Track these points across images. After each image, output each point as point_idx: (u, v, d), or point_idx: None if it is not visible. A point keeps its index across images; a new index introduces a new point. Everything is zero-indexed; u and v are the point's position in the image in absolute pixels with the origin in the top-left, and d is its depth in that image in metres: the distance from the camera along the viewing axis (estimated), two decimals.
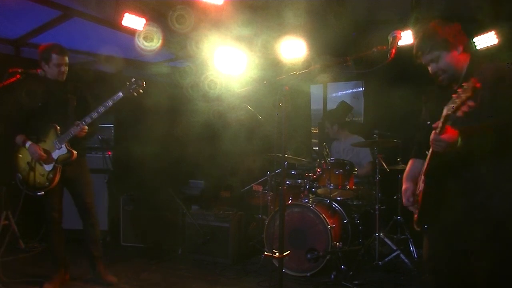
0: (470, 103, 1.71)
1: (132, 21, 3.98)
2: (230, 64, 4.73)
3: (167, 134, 5.45)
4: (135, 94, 3.52)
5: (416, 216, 2.24)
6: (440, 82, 2.19)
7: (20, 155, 3.59)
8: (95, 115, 3.47)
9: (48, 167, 3.52)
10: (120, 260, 4.48)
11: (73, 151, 3.53)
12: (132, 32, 4.14)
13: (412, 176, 2.34)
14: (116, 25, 4.04)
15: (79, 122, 3.46)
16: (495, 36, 4.48)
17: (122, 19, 3.93)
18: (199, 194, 5.52)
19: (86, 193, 3.71)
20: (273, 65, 5.18)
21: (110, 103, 3.48)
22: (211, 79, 5.38)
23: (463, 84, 1.74)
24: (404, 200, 2.29)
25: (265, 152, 4.82)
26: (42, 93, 3.55)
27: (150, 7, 4.16)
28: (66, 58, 3.57)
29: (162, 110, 5.42)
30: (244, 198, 5.46)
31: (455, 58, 2.12)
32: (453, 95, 1.79)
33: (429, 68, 2.19)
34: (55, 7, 3.99)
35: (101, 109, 3.47)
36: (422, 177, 2.17)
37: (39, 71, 3.48)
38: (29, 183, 3.54)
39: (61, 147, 3.51)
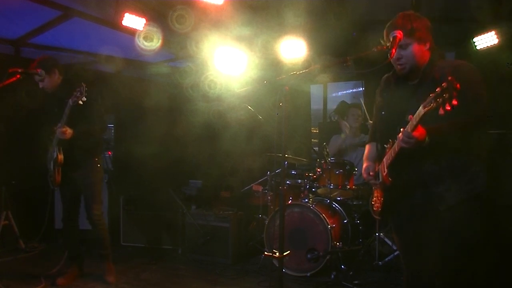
0: (454, 102, 1.73)
1: (132, 21, 3.98)
2: (230, 64, 4.73)
3: (167, 134, 5.45)
4: (81, 102, 3.32)
5: (378, 206, 2.38)
6: (399, 70, 2.23)
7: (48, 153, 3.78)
8: (65, 116, 3.42)
9: (51, 168, 3.65)
10: (120, 260, 4.47)
11: (59, 154, 3.56)
12: (132, 32, 4.14)
13: (370, 157, 2.50)
14: (116, 25, 4.05)
15: (59, 124, 3.44)
16: (495, 36, 4.48)
17: (122, 19, 3.93)
18: (196, 194, 5.51)
19: (87, 195, 3.75)
20: (273, 65, 5.17)
21: (69, 105, 3.39)
22: (211, 79, 5.38)
23: (442, 84, 1.76)
24: (365, 175, 2.42)
25: (265, 152, 4.81)
26: (48, 100, 3.68)
27: (150, 7, 4.16)
28: (35, 76, 3.52)
29: (162, 110, 5.42)
30: (244, 198, 5.45)
31: (421, 52, 2.16)
32: (431, 94, 1.80)
33: (393, 52, 2.15)
34: (55, 7, 3.99)
35: (66, 110, 3.40)
36: (384, 169, 2.25)
37: (39, 71, 3.49)
38: (50, 179, 3.74)
39: (55, 150, 3.58)
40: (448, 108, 1.73)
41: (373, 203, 2.44)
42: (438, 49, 2.23)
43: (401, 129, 1.99)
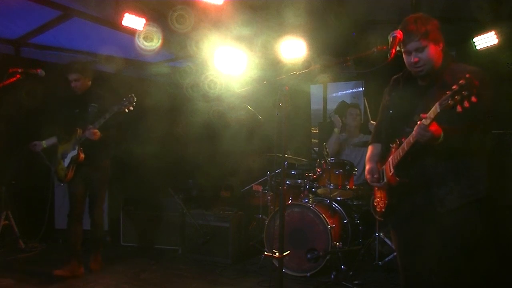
0: (473, 99, 1.70)
1: (132, 21, 3.98)
2: (230, 64, 4.73)
3: (167, 134, 5.45)
4: (126, 110, 3.72)
5: (382, 207, 2.35)
6: (416, 73, 2.18)
7: (59, 149, 4.02)
8: (102, 120, 3.71)
9: (65, 164, 3.89)
10: (120, 260, 4.48)
11: (80, 152, 3.82)
12: (132, 32, 4.15)
13: (373, 159, 2.48)
14: (116, 25, 4.05)
15: (91, 126, 3.71)
16: (495, 36, 4.48)
17: (122, 19, 3.93)
18: (196, 194, 5.52)
19: (93, 194, 4.01)
20: (273, 65, 5.17)
21: (112, 110, 3.70)
22: (211, 79, 5.38)
23: (460, 82, 1.72)
24: (368, 177, 2.40)
25: (265, 152, 4.81)
26: (70, 100, 3.95)
27: (150, 7, 4.16)
28: (74, 75, 3.84)
29: (162, 110, 5.42)
30: (244, 198, 5.45)
31: (437, 54, 2.13)
32: (447, 92, 1.77)
33: (410, 57, 2.13)
34: (55, 7, 4.00)
35: (107, 115, 3.70)
36: (390, 168, 2.22)
37: (39, 71, 3.50)
38: (56, 174, 4.00)
39: (75, 148, 3.83)
40: (467, 105, 1.71)
41: (375, 204, 2.42)
42: (448, 51, 2.20)
43: (418, 122, 1.94)
